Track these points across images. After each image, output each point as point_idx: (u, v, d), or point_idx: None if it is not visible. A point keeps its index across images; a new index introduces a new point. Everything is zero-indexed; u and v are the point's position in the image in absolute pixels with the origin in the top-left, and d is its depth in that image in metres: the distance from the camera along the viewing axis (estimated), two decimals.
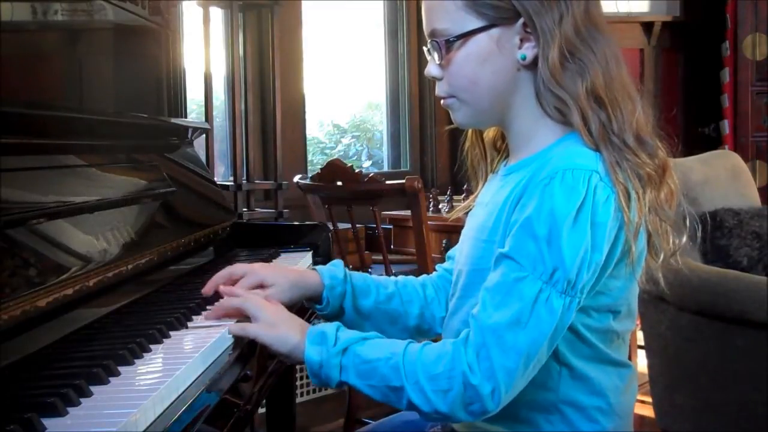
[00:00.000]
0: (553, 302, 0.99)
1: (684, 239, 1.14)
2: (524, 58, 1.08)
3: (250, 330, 1.10)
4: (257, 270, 1.24)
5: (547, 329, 1.00)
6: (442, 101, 1.15)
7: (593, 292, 1.06)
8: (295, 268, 1.38)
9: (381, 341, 1.08)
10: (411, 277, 1.34)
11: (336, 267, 1.28)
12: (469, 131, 1.26)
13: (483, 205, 1.18)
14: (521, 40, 1.08)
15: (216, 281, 1.24)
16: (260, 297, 1.18)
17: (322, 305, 1.26)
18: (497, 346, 0.99)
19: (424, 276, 1.34)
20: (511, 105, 1.12)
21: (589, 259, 1.00)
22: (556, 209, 0.99)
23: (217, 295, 1.24)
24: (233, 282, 1.23)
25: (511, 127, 1.15)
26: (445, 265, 1.33)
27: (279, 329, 1.10)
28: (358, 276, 1.29)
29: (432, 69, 1.13)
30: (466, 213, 1.26)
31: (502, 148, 1.23)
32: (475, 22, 1.08)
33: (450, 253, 1.31)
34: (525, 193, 1.05)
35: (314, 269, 1.28)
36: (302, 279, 1.26)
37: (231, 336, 1.10)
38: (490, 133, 1.24)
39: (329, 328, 1.08)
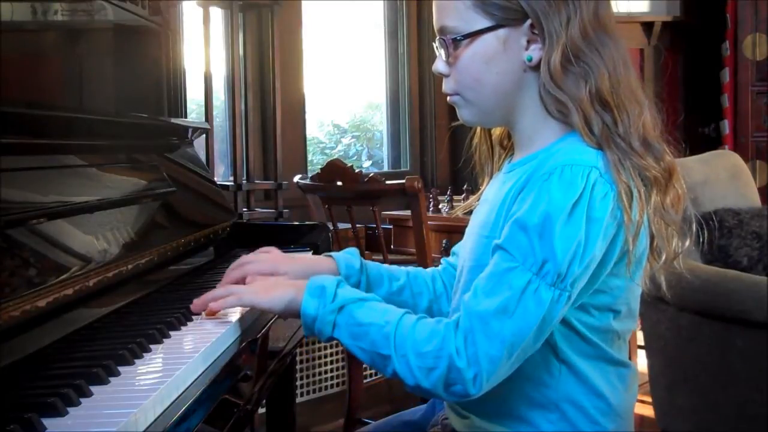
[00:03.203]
0: (541, 294, 1.00)
1: (687, 243, 1.14)
2: (530, 60, 1.08)
3: (246, 297, 1.13)
4: (270, 258, 1.26)
5: (534, 320, 1.00)
6: (448, 98, 1.16)
7: (593, 290, 1.06)
8: (310, 256, 1.39)
9: (378, 305, 1.09)
10: (421, 269, 1.34)
11: (352, 255, 1.29)
12: (477, 127, 1.26)
13: (487, 202, 1.18)
14: (528, 42, 1.08)
15: (231, 278, 1.26)
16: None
17: None
18: (483, 333, 1.00)
19: (433, 269, 1.34)
20: (516, 105, 1.12)
21: (581, 254, 1.00)
22: (552, 203, 1.00)
23: None
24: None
25: (516, 125, 1.15)
26: (450, 260, 1.34)
27: (271, 293, 1.13)
28: (372, 266, 1.30)
29: (439, 65, 1.14)
30: (470, 211, 1.27)
31: (508, 146, 1.24)
32: (482, 22, 1.08)
33: (455, 248, 1.32)
34: (525, 189, 1.05)
35: (330, 256, 1.29)
36: (317, 267, 1.27)
37: (235, 329, 1.12)
38: (497, 131, 1.25)
39: (330, 282, 1.09)
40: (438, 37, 1.13)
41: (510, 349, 1.00)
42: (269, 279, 1.20)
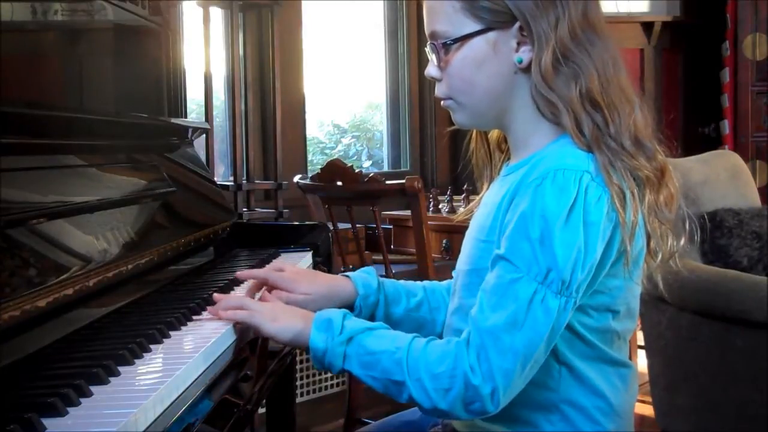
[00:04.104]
0: (548, 303, 1.00)
1: (682, 242, 1.14)
2: (521, 62, 1.08)
3: (256, 318, 1.13)
4: (294, 278, 1.27)
5: (544, 330, 1.00)
6: (441, 102, 1.16)
7: (591, 291, 1.06)
8: (328, 275, 1.40)
9: (386, 333, 1.09)
10: (437, 283, 1.34)
11: (369, 275, 1.29)
12: (474, 132, 1.26)
13: (485, 206, 1.18)
14: (518, 44, 1.08)
15: (253, 275, 1.30)
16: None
17: (354, 313, 1.26)
18: (495, 348, 1.00)
19: (449, 281, 1.34)
20: (509, 107, 1.12)
21: (582, 259, 1.00)
22: (548, 210, 1.00)
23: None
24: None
25: (510, 128, 1.15)
26: None
27: (280, 321, 1.12)
28: (389, 284, 1.30)
29: (431, 70, 1.14)
30: (469, 215, 1.27)
31: (506, 149, 1.24)
32: (472, 26, 1.09)
33: None
34: (517, 194, 1.05)
35: (347, 276, 1.29)
36: (336, 289, 1.27)
37: (234, 331, 1.13)
38: (494, 134, 1.25)
39: (336, 315, 1.09)
40: (429, 42, 1.13)
41: (523, 361, 1.00)
42: (281, 303, 1.20)
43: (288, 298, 1.24)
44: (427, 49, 1.14)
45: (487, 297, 1.03)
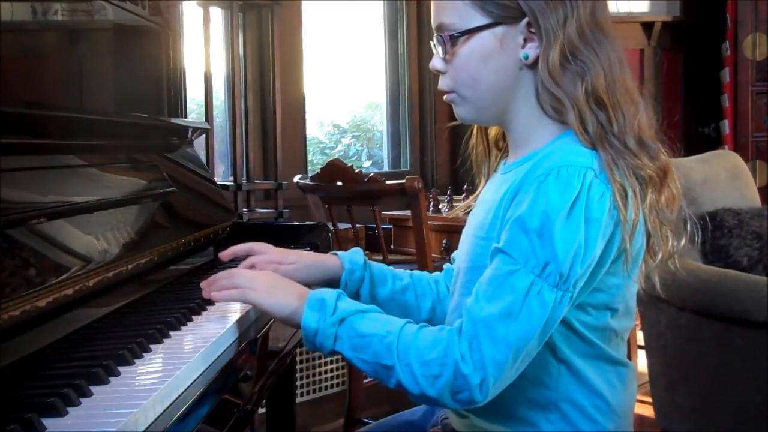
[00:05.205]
0: (544, 295, 1.00)
1: (683, 243, 1.14)
2: (527, 58, 1.09)
3: (249, 295, 1.13)
4: (276, 251, 1.30)
5: (538, 322, 1.00)
6: (444, 96, 1.16)
7: (590, 288, 1.06)
8: (315, 253, 1.42)
9: (379, 316, 1.09)
10: (425, 273, 1.35)
11: (356, 253, 1.31)
12: (474, 128, 1.27)
13: (483, 203, 1.19)
14: (525, 40, 1.09)
15: (235, 251, 1.31)
16: (250, 270, 1.24)
17: (340, 288, 1.27)
18: (488, 338, 1.00)
19: (437, 273, 1.35)
20: (511, 103, 1.12)
21: (582, 255, 1.00)
22: (550, 204, 1.00)
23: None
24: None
25: (511, 125, 1.15)
26: (453, 266, 1.34)
27: (276, 295, 1.13)
28: (376, 265, 1.32)
29: (436, 62, 1.14)
30: (467, 212, 1.27)
31: (504, 147, 1.24)
32: (480, 19, 1.09)
33: (455, 254, 1.32)
34: (520, 190, 1.05)
35: (335, 254, 1.31)
36: (322, 261, 1.30)
37: (236, 329, 1.13)
38: (493, 132, 1.25)
39: (329, 295, 1.09)
40: (435, 35, 1.13)
41: (515, 353, 1.00)
42: (275, 275, 1.20)
43: (277, 268, 1.25)
44: (433, 41, 1.14)
45: (483, 288, 1.03)
